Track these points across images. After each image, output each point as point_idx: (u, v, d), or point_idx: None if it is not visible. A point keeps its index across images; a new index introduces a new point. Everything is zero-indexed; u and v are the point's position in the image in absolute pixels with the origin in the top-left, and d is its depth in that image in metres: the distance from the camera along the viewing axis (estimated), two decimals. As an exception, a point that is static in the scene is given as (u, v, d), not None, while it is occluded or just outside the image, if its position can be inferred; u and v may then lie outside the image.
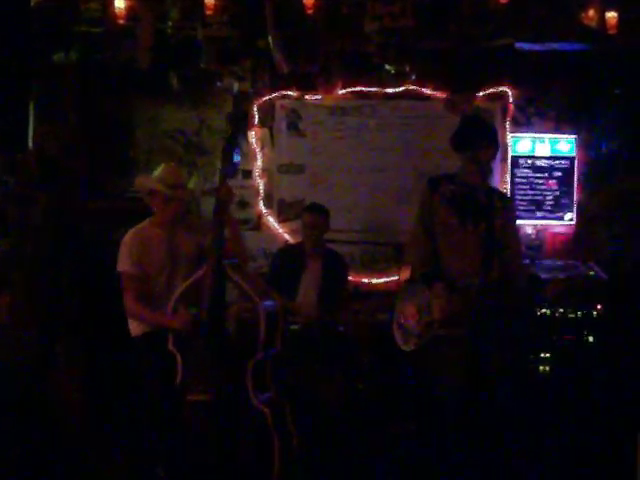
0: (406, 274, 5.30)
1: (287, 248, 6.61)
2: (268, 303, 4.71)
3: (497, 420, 4.86)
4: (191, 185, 6.68)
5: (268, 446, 4.51)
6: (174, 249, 4.95)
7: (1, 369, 5.23)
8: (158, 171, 4.98)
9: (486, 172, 4.95)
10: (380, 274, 7.14)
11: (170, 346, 4.64)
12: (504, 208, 4.91)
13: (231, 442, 4.53)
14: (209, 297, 4.61)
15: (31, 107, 6.48)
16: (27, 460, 5.03)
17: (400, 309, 4.88)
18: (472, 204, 4.82)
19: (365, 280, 7.16)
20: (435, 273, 4.76)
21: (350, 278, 6.73)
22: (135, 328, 4.92)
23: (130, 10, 6.29)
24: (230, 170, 4.92)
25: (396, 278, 6.82)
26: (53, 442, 5.25)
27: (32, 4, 6.06)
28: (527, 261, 6.72)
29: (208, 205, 6.83)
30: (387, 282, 7.07)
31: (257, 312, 4.62)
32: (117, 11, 6.25)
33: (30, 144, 6.47)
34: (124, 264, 4.83)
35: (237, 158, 6.95)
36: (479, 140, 4.80)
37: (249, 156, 7.26)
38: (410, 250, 5.06)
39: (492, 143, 4.87)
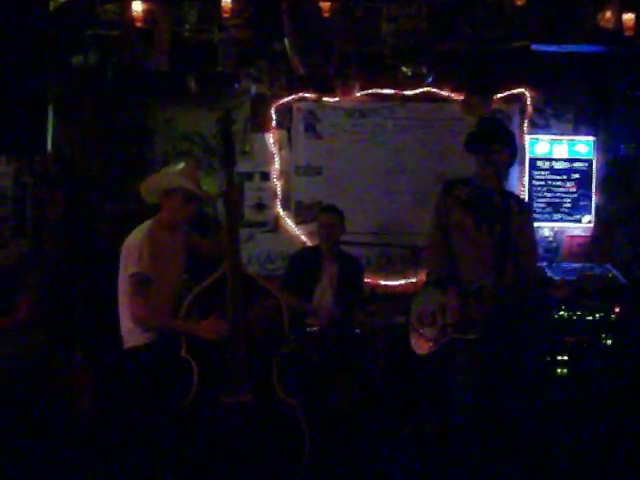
0: (422, 277, 5.34)
1: (303, 250, 6.60)
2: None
3: (511, 423, 4.88)
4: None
5: (299, 436, 4.59)
6: (184, 253, 4.87)
7: (17, 369, 5.24)
8: (180, 168, 4.79)
9: (502, 175, 4.96)
10: (397, 276, 7.14)
11: (184, 353, 4.55)
12: (520, 212, 4.93)
13: (265, 437, 4.58)
14: (233, 300, 4.57)
15: (50, 109, 6.49)
16: (32, 462, 5.03)
17: (415, 313, 4.90)
18: (487, 207, 4.84)
19: (382, 282, 7.17)
20: (449, 277, 4.80)
21: (367, 280, 6.74)
22: (134, 338, 4.67)
23: (148, 13, 6.30)
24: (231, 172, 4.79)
25: (413, 281, 6.86)
26: (60, 445, 5.27)
27: (51, 8, 6.07)
28: (544, 264, 6.72)
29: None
30: (404, 284, 7.08)
31: (280, 308, 4.68)
32: (135, 14, 6.27)
33: (49, 146, 6.49)
34: (139, 265, 4.54)
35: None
36: (495, 142, 4.82)
37: (267, 158, 7.28)
38: (427, 254, 5.18)
39: (508, 146, 4.88)
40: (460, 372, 4.75)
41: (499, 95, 7.12)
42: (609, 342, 6.25)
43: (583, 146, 7.15)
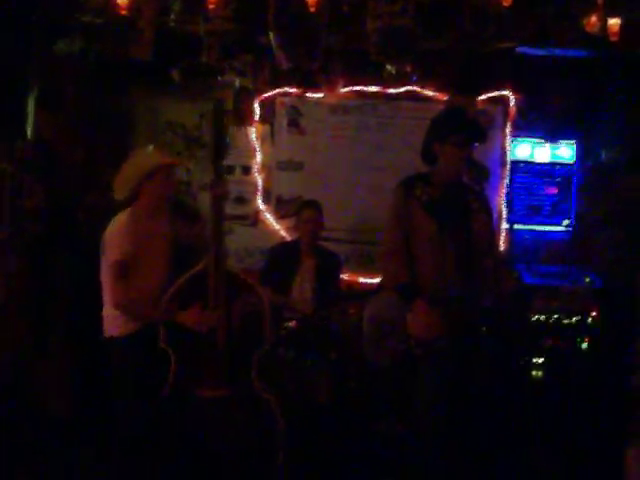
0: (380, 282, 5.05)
1: (281, 245, 6.59)
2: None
3: (485, 429, 4.75)
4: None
5: (274, 432, 4.62)
6: (167, 240, 4.88)
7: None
8: (152, 149, 4.95)
9: (463, 170, 4.59)
10: (376, 274, 7.13)
11: (162, 343, 4.57)
12: (482, 210, 4.66)
13: (240, 432, 4.60)
14: (215, 294, 4.60)
15: (31, 96, 6.46)
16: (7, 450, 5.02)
17: (371, 321, 4.69)
18: (450, 207, 4.53)
19: (361, 279, 7.16)
20: (415, 288, 4.44)
21: (345, 277, 6.73)
22: (114, 328, 4.71)
23: (132, 2, 6.24)
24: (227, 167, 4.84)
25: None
26: (38, 433, 5.25)
27: (35, -7, 6.05)
28: (522, 266, 6.72)
29: (205, 199, 6.87)
30: (383, 282, 7.07)
31: (263, 305, 4.69)
32: (119, 2, 6.19)
33: (29, 132, 6.46)
34: (117, 253, 4.59)
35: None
36: (463, 135, 4.52)
37: (248, 152, 7.26)
38: (385, 259, 4.66)
39: (473, 141, 4.57)
40: (425, 384, 4.49)
41: (483, 96, 7.12)
42: (585, 345, 6.26)
43: (565, 149, 7.16)
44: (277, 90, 7.24)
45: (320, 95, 7.24)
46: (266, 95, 7.23)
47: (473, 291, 4.46)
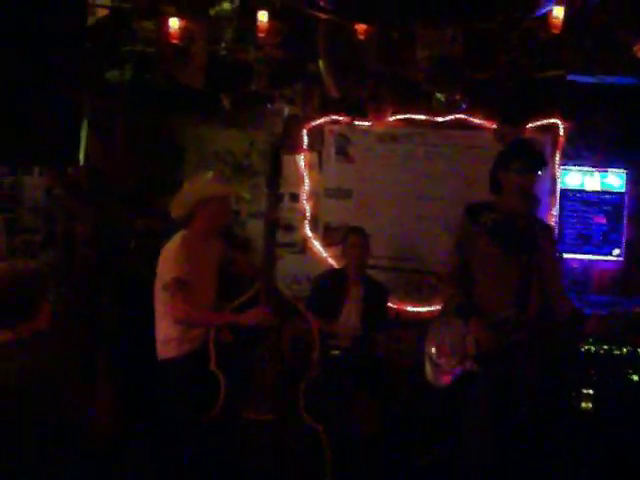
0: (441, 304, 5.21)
1: (329, 272, 6.58)
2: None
3: (532, 458, 4.73)
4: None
5: (321, 463, 4.66)
6: (211, 261, 5.01)
7: (39, 378, 5.24)
8: (209, 177, 5.25)
9: (528, 199, 4.67)
10: (423, 303, 7.10)
11: (213, 367, 4.68)
12: (546, 238, 4.75)
13: (285, 459, 4.64)
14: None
15: (84, 123, 6.55)
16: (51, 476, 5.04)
17: (432, 343, 4.75)
18: (514, 233, 4.63)
19: (408, 308, 7.13)
20: (472, 306, 4.61)
21: (392, 306, 6.71)
22: (169, 350, 4.85)
23: (184, 30, 6.35)
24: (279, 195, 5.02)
25: (439, 308, 6.81)
26: (81, 459, 5.27)
27: (89, 22, 6.13)
28: (572, 295, 6.65)
29: (254, 227, 6.92)
30: (430, 311, 7.03)
31: (313, 332, 4.76)
32: (171, 31, 6.32)
33: (81, 160, 6.54)
34: (175, 271, 4.73)
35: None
36: (524, 162, 4.62)
37: (297, 180, 7.29)
38: (446, 281, 4.93)
39: (535, 169, 4.65)
40: (477, 405, 4.57)
41: (531, 124, 7.10)
42: (635, 378, 6.17)
43: (615, 178, 7.10)
44: (326, 118, 7.26)
45: (369, 123, 7.26)
46: (315, 123, 7.27)
47: (534, 316, 4.55)
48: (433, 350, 4.69)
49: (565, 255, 6.89)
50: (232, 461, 4.56)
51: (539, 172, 4.67)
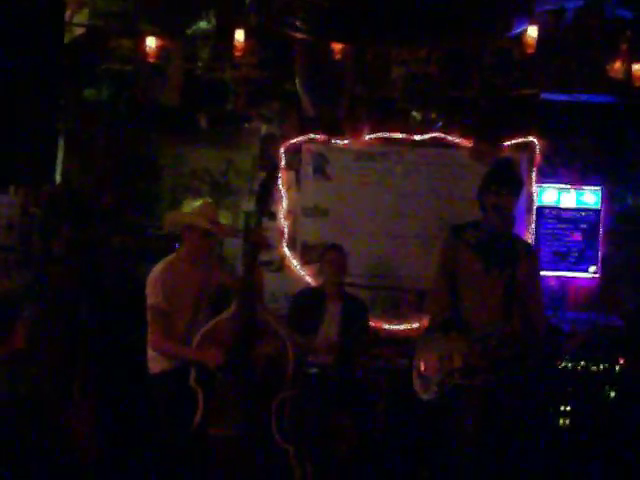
0: (426, 322, 5.28)
1: (307, 290, 6.58)
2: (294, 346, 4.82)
3: (513, 471, 4.79)
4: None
5: None
6: (200, 286, 5.04)
7: (14, 399, 5.20)
8: (198, 206, 5.17)
9: (507, 220, 4.84)
10: (401, 320, 7.11)
11: (192, 382, 4.71)
12: (528, 257, 4.86)
13: (253, 477, 4.60)
14: (238, 336, 4.70)
15: (60, 141, 6.54)
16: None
17: (420, 357, 4.82)
18: (497, 250, 4.77)
19: (386, 326, 7.12)
20: (453, 321, 4.72)
21: (370, 323, 6.70)
22: (155, 365, 4.95)
23: (161, 49, 6.37)
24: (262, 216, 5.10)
25: (417, 325, 6.83)
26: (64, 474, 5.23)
27: (66, 40, 6.13)
28: (549, 313, 6.67)
29: (231, 246, 6.91)
30: (408, 329, 7.04)
31: (287, 353, 4.73)
32: (148, 50, 6.33)
33: (58, 178, 6.53)
34: (154, 298, 4.86)
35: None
36: (500, 184, 4.74)
37: (274, 198, 7.28)
38: (431, 297, 5.02)
39: (512, 191, 4.78)
40: (464, 418, 4.63)
41: (508, 143, 7.14)
42: (612, 394, 6.19)
43: (591, 195, 7.16)
44: (303, 137, 7.28)
45: (346, 142, 7.28)
46: (292, 142, 7.28)
47: (515, 332, 4.64)
48: (421, 364, 4.74)
49: (541, 272, 6.91)
50: (206, 475, 4.56)
51: (515, 194, 4.80)
